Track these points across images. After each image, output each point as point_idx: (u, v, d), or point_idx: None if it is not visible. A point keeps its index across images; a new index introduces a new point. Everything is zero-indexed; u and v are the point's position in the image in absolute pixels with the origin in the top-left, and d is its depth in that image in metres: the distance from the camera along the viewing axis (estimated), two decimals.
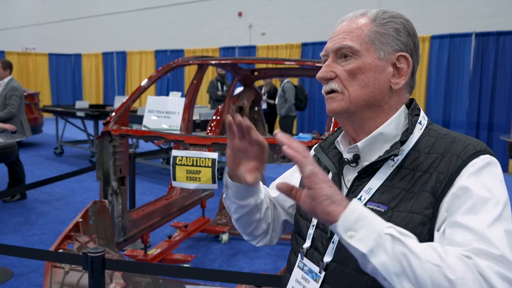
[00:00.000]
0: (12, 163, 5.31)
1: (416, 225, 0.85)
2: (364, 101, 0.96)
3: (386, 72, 0.95)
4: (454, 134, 0.95)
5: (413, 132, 0.95)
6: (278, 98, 8.14)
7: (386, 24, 0.96)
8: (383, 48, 0.95)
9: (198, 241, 4.25)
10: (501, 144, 7.57)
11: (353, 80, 0.95)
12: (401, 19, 0.98)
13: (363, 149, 0.98)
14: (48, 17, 18.09)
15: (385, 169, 0.94)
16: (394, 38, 0.96)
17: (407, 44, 0.97)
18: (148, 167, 7.66)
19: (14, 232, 4.36)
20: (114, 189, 3.14)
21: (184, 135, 3.00)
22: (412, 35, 0.98)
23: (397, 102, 0.98)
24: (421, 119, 0.98)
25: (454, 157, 0.88)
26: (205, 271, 2.22)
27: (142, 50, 14.13)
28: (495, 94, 7.79)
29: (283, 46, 10.73)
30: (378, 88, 0.95)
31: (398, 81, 0.96)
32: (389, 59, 0.95)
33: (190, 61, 3.54)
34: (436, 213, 0.85)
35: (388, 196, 0.91)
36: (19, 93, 5.51)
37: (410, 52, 0.97)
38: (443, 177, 0.86)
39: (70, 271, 2.39)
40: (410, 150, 0.94)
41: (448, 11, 8.56)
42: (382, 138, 0.96)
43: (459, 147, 0.89)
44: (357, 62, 0.95)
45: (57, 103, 15.42)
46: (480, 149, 0.88)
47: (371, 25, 0.96)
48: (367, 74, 0.95)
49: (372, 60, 0.95)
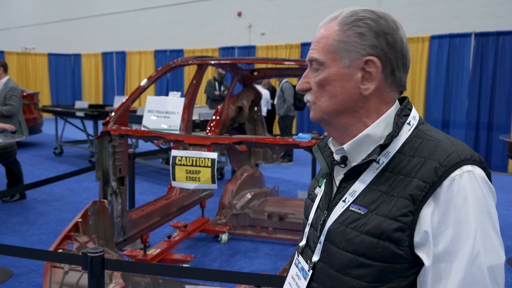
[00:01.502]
0: (10, 163, 5.31)
1: (392, 231, 0.85)
2: (334, 110, 0.95)
3: (354, 79, 0.93)
4: (440, 136, 0.92)
5: (400, 133, 0.93)
6: (277, 98, 8.14)
7: (348, 30, 0.93)
8: (348, 55, 0.93)
9: (198, 241, 4.25)
10: (500, 144, 7.58)
11: (322, 91, 0.96)
12: (369, 19, 0.92)
13: (350, 151, 0.97)
14: (48, 17, 18.09)
15: (370, 171, 0.94)
16: (358, 43, 0.92)
17: (376, 46, 0.92)
18: (147, 167, 7.66)
19: (14, 232, 4.36)
20: (113, 189, 3.14)
21: (184, 135, 3.00)
22: (383, 33, 0.92)
23: (378, 104, 0.95)
24: (410, 119, 0.95)
25: (436, 165, 0.85)
26: (205, 271, 2.22)
27: (142, 50, 14.13)
28: (494, 94, 7.79)
29: (282, 46, 10.74)
30: (347, 97, 0.94)
31: (368, 86, 0.93)
32: (356, 65, 0.92)
33: (190, 61, 3.54)
34: (416, 220, 0.85)
35: (370, 199, 0.91)
36: (18, 93, 5.52)
37: (381, 52, 0.92)
38: (424, 186, 0.84)
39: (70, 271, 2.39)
40: (396, 153, 0.92)
41: (447, 11, 8.57)
42: (369, 140, 0.95)
43: (442, 154, 0.86)
44: (323, 74, 0.95)
45: (56, 103, 15.42)
46: (465, 158, 0.86)
47: (336, 33, 0.94)
48: (334, 85, 0.94)
49: (337, 69, 0.94)
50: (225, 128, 4.13)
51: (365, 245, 0.88)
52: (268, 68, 4.39)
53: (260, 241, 4.24)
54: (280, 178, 6.96)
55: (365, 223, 0.89)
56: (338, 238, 0.93)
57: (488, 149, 7.92)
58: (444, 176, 0.84)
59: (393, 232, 0.85)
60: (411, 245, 0.85)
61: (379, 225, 0.87)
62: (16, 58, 14.76)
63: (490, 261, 0.81)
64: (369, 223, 0.88)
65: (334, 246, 0.94)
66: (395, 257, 0.86)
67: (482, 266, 0.81)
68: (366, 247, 0.88)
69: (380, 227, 0.87)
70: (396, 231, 0.85)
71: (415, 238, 0.85)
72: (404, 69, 0.96)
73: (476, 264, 0.81)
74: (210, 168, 2.72)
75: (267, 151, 4.86)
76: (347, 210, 0.94)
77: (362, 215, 0.90)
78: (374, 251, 0.87)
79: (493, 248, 0.82)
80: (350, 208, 0.93)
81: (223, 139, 2.90)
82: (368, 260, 0.88)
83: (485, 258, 0.81)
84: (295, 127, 9.93)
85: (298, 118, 10.09)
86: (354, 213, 0.92)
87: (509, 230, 4.68)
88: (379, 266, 0.87)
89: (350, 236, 0.91)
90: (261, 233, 4.22)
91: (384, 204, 0.88)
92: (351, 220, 0.92)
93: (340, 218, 0.94)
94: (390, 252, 0.86)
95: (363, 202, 0.92)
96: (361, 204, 0.92)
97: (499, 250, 0.83)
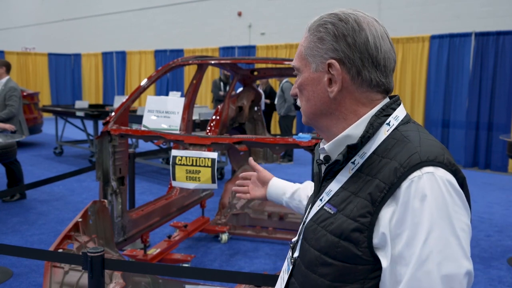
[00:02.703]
0: (10, 163, 5.31)
1: (350, 231, 0.86)
2: (312, 114, 1.00)
3: (322, 83, 0.96)
4: (412, 137, 0.89)
5: (378, 134, 0.92)
6: (277, 98, 8.14)
7: (311, 36, 0.97)
8: (314, 60, 0.96)
9: (198, 241, 4.25)
10: (500, 144, 7.58)
11: (301, 95, 1.01)
12: (329, 23, 0.94)
13: (330, 151, 0.99)
14: (48, 17, 18.09)
15: (345, 171, 0.95)
16: (319, 48, 0.95)
17: (337, 49, 0.92)
18: (147, 167, 7.66)
19: (14, 232, 4.36)
20: (113, 189, 3.14)
21: (184, 135, 3.00)
22: (342, 36, 0.92)
23: (353, 105, 0.95)
24: (390, 119, 0.93)
25: (397, 165, 0.84)
26: (205, 271, 2.22)
27: (142, 50, 14.13)
28: (494, 94, 7.79)
29: (282, 46, 10.74)
30: (319, 100, 0.97)
31: (332, 88, 0.95)
32: (322, 69, 0.95)
33: (190, 61, 3.54)
34: (374, 221, 0.84)
35: (340, 199, 0.92)
36: (18, 93, 5.52)
37: (343, 54, 0.92)
38: (384, 186, 0.84)
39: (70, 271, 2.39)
40: (371, 153, 0.92)
41: (447, 11, 8.56)
42: (349, 140, 0.95)
43: (405, 155, 0.85)
44: (300, 79, 1.01)
45: (56, 103, 15.42)
46: (427, 159, 0.83)
47: (305, 40, 0.99)
48: (307, 89, 0.99)
49: (308, 74, 0.98)
50: (225, 128, 4.13)
51: (328, 244, 0.90)
52: (268, 68, 4.40)
53: (260, 241, 4.24)
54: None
55: (332, 222, 0.91)
56: (310, 236, 0.96)
57: (488, 149, 7.91)
58: (403, 178, 0.82)
59: (351, 232, 0.86)
60: (370, 246, 0.85)
61: (341, 225, 0.88)
62: (16, 58, 14.75)
63: (446, 269, 0.78)
64: (335, 222, 0.90)
65: (307, 243, 0.97)
66: (355, 257, 0.86)
67: (432, 272, 0.78)
68: (329, 246, 0.90)
69: (341, 227, 0.88)
70: (355, 231, 0.86)
71: (373, 239, 0.84)
72: (376, 68, 0.93)
73: (423, 269, 0.78)
74: (210, 168, 2.72)
75: (267, 151, 4.86)
76: (321, 209, 0.96)
77: (331, 214, 0.92)
78: (335, 251, 0.88)
79: (452, 255, 0.78)
80: (324, 207, 0.96)
81: (223, 139, 2.90)
82: (330, 259, 0.89)
83: (439, 265, 0.78)
84: (295, 127, 9.93)
85: (298, 118, 10.08)
86: (325, 212, 0.94)
87: (509, 230, 4.67)
88: (340, 266, 0.88)
89: (319, 234, 0.93)
90: (261, 233, 4.22)
91: (350, 204, 0.89)
92: (322, 219, 0.94)
93: (315, 216, 0.97)
94: (350, 253, 0.86)
95: (335, 202, 0.94)
96: (333, 203, 0.94)
97: (460, 258, 0.79)
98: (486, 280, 3.48)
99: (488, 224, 4.82)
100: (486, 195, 6.05)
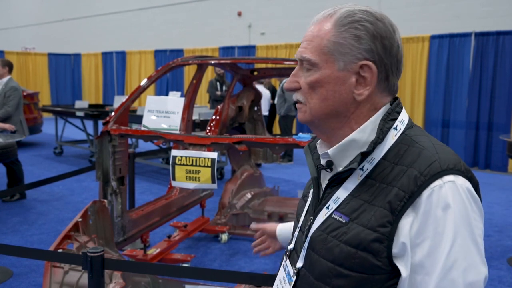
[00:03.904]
0: (11, 163, 5.31)
1: (370, 241, 0.83)
2: (324, 114, 0.92)
3: (348, 83, 0.89)
4: (426, 143, 0.87)
5: (386, 139, 0.89)
6: (277, 98, 8.14)
7: (345, 32, 0.88)
8: (342, 58, 0.89)
9: (198, 241, 4.25)
10: (500, 144, 7.58)
11: (313, 93, 0.92)
12: (366, 22, 0.88)
13: (334, 156, 0.94)
14: (48, 17, 18.09)
15: (353, 178, 0.91)
16: (354, 47, 0.88)
17: (373, 50, 0.88)
18: (147, 167, 7.66)
19: (14, 232, 4.36)
20: (113, 189, 3.14)
21: (184, 135, 3.00)
22: (380, 37, 0.88)
23: (369, 110, 0.92)
24: (397, 123, 0.91)
25: (417, 173, 0.82)
26: (205, 271, 2.22)
27: (142, 50, 14.13)
28: (494, 94, 7.79)
29: (282, 46, 10.73)
30: (339, 101, 0.90)
31: (362, 91, 0.90)
32: (351, 69, 0.89)
33: (190, 61, 3.54)
34: (394, 231, 0.82)
35: (351, 207, 0.88)
36: (19, 93, 5.52)
37: (377, 57, 0.89)
38: (404, 195, 0.82)
39: (70, 271, 2.39)
40: (381, 159, 0.88)
41: (447, 11, 8.56)
42: (355, 145, 0.91)
43: (424, 163, 0.83)
44: (316, 75, 0.91)
45: (56, 103, 15.41)
46: (447, 168, 0.82)
47: (331, 33, 0.89)
48: (326, 87, 0.90)
49: (331, 72, 0.89)
50: (225, 128, 4.13)
51: (344, 255, 0.86)
52: (268, 68, 4.39)
53: None
54: (280, 178, 6.96)
55: (345, 232, 0.87)
56: (319, 246, 0.91)
57: (488, 149, 7.91)
58: (424, 186, 0.81)
59: (371, 242, 0.83)
60: (389, 256, 0.83)
61: (357, 235, 0.85)
62: (16, 58, 14.74)
63: (469, 277, 0.78)
64: (349, 232, 0.86)
65: (316, 254, 0.92)
66: (373, 268, 0.84)
67: (457, 281, 0.78)
68: (344, 257, 0.86)
69: (359, 237, 0.85)
70: (374, 242, 0.83)
71: (393, 249, 0.83)
72: (398, 74, 0.93)
73: (449, 278, 0.78)
74: (210, 168, 2.72)
75: (267, 151, 4.86)
76: (330, 218, 0.92)
77: (343, 223, 0.88)
78: (352, 262, 0.85)
79: (473, 263, 0.79)
80: (333, 216, 0.91)
81: (223, 139, 2.90)
82: (346, 270, 0.86)
83: (462, 273, 0.78)
84: (295, 127, 9.93)
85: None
86: (336, 221, 0.90)
87: (509, 230, 4.67)
88: (357, 277, 0.85)
89: (330, 244, 0.89)
90: None
91: (365, 213, 0.86)
92: (332, 228, 0.90)
93: (323, 225, 0.92)
94: (368, 263, 0.84)
95: (345, 210, 0.89)
96: (343, 212, 0.90)
97: (479, 265, 0.80)
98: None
99: (488, 224, 4.82)
100: (486, 195, 6.04)
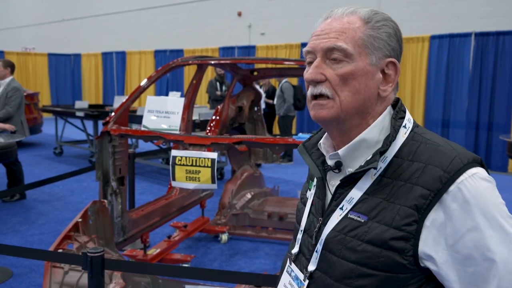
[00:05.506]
0: (11, 163, 5.31)
1: (396, 240, 0.84)
2: (355, 108, 0.91)
3: (376, 79, 0.91)
4: (439, 140, 0.90)
5: (397, 137, 0.90)
6: (276, 98, 8.13)
7: (380, 27, 0.91)
8: (375, 53, 0.90)
9: (198, 241, 4.25)
10: (500, 144, 7.58)
11: (344, 85, 0.90)
12: (393, 22, 0.94)
13: (345, 156, 0.94)
14: (48, 17, 18.08)
15: (367, 177, 0.91)
16: (385, 43, 0.92)
17: (396, 50, 0.94)
18: (147, 167, 7.66)
19: (14, 232, 4.36)
20: (113, 189, 3.14)
21: (184, 135, 3.00)
22: (400, 40, 0.95)
23: (384, 107, 0.94)
24: (406, 122, 0.92)
25: (440, 171, 0.83)
26: (205, 271, 2.22)
27: (142, 50, 14.13)
28: (494, 94, 7.79)
29: (282, 46, 10.74)
30: (368, 95, 0.91)
31: (386, 88, 0.92)
32: (379, 64, 0.91)
33: (190, 61, 3.54)
34: (420, 229, 0.83)
35: (369, 206, 0.88)
36: (20, 94, 5.52)
37: (397, 58, 0.94)
38: (429, 194, 0.82)
39: (70, 271, 2.39)
40: (393, 157, 0.89)
41: (447, 11, 8.57)
42: (365, 144, 0.92)
43: (445, 160, 0.84)
44: (349, 67, 0.89)
45: (56, 103, 15.41)
46: (467, 162, 0.84)
47: (365, 27, 0.90)
48: (359, 80, 0.89)
49: (364, 65, 0.90)
50: (225, 128, 4.13)
51: (368, 255, 0.86)
52: (268, 68, 4.40)
53: (260, 241, 4.23)
54: (280, 178, 6.96)
55: (366, 231, 0.87)
56: (337, 247, 0.90)
57: (488, 149, 7.91)
58: (450, 183, 0.82)
59: (396, 241, 0.83)
60: (415, 254, 0.83)
61: (381, 234, 0.85)
62: (16, 58, 14.73)
63: None
64: (370, 231, 0.86)
65: (333, 255, 0.91)
66: (398, 266, 0.84)
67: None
68: (368, 256, 0.86)
69: (383, 236, 0.84)
70: (400, 240, 0.83)
71: (419, 247, 0.83)
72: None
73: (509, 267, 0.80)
74: (210, 168, 2.72)
75: (267, 151, 4.86)
76: (346, 218, 0.91)
77: (362, 223, 0.88)
78: (377, 261, 0.85)
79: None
80: (349, 216, 0.90)
81: (223, 139, 2.90)
82: (370, 269, 0.86)
83: None
84: (295, 127, 9.93)
85: (298, 118, 10.08)
86: (353, 221, 0.89)
87: None
88: (381, 276, 0.85)
89: (351, 244, 0.88)
90: (261, 233, 4.22)
91: (385, 211, 0.86)
92: (350, 228, 0.89)
93: (339, 226, 0.91)
94: (393, 262, 0.84)
95: (362, 210, 0.89)
96: (360, 211, 0.89)
97: None
98: None
99: None
100: None
